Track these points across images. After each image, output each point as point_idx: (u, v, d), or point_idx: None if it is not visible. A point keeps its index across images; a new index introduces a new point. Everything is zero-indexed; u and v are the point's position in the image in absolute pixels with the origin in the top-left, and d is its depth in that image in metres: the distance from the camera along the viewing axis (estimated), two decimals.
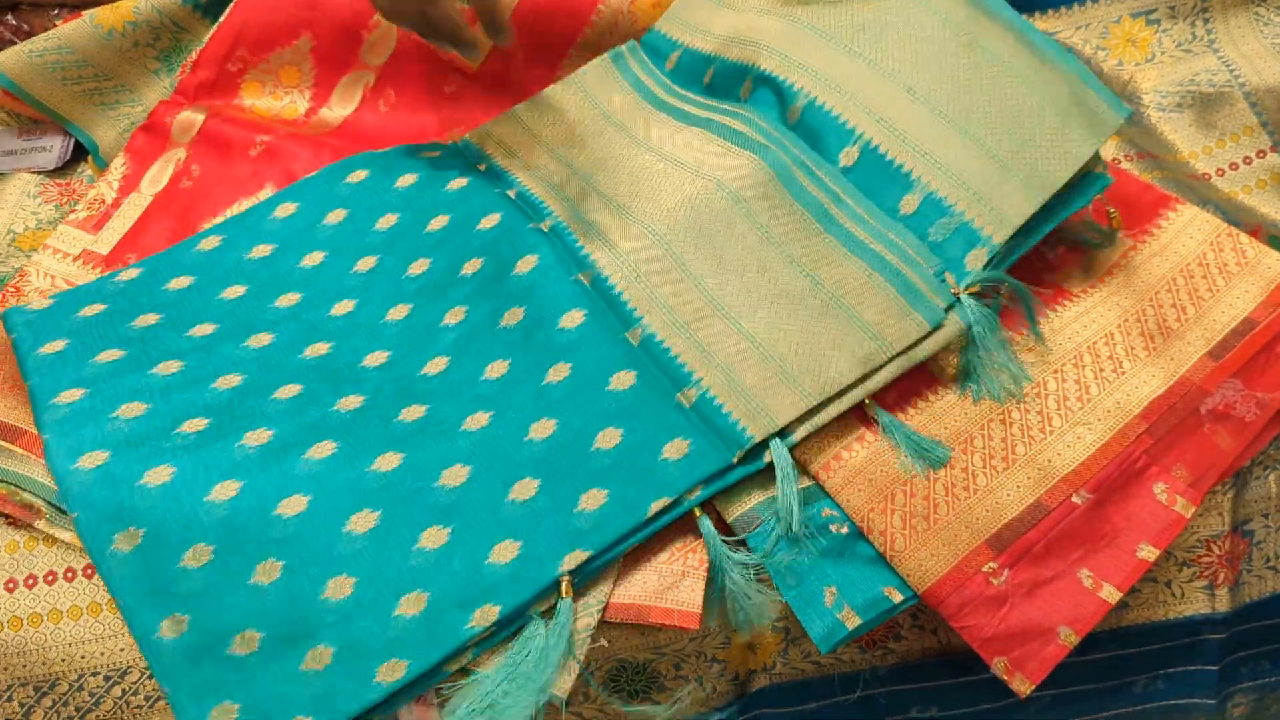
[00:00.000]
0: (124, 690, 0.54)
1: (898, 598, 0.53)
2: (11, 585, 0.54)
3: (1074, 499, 0.56)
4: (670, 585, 0.54)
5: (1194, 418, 0.58)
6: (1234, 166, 0.73)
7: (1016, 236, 0.59)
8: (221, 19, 0.76)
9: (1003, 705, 0.62)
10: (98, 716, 0.54)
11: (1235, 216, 0.69)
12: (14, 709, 0.54)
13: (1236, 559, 0.61)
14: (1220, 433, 0.58)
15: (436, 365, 0.61)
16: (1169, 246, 0.65)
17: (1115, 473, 0.56)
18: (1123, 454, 0.57)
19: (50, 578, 0.54)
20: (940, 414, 0.59)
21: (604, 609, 0.53)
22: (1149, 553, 0.54)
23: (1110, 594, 0.53)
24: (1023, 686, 0.51)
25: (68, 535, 0.54)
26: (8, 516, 0.55)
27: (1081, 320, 0.63)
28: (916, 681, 0.61)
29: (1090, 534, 0.55)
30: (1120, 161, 0.74)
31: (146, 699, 0.54)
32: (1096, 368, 0.60)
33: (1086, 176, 0.60)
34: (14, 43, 0.77)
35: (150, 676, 0.54)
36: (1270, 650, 0.64)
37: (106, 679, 0.54)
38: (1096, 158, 0.60)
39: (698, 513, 0.55)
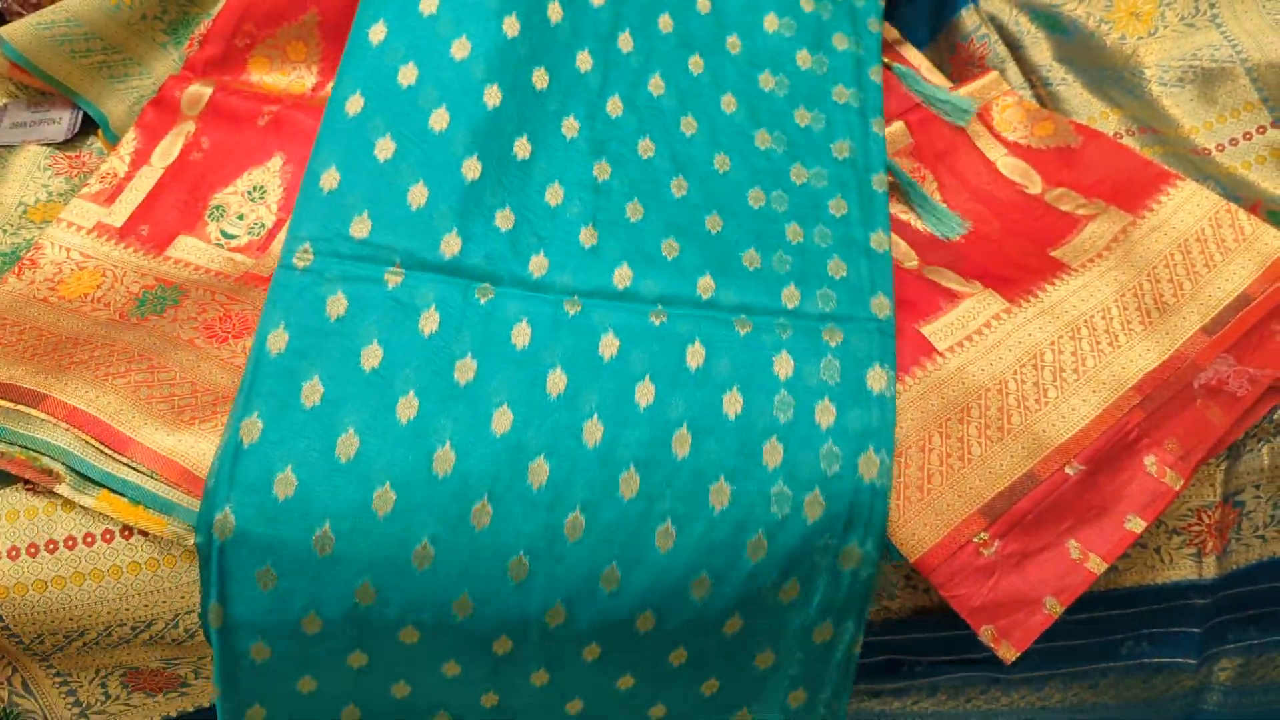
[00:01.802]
0: (152, 635, 0.56)
1: None
2: (34, 550, 0.55)
3: (1067, 470, 0.57)
4: None
5: (1187, 392, 0.59)
6: (1234, 142, 0.74)
7: None
8: None
9: (992, 658, 0.64)
10: (132, 646, 0.56)
11: (1235, 192, 0.69)
12: (47, 646, 0.56)
13: (1226, 528, 0.63)
14: (1212, 407, 0.59)
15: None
16: (1168, 222, 0.66)
17: (1108, 445, 0.58)
18: (1116, 426, 0.58)
19: (70, 543, 0.55)
20: (939, 383, 0.60)
21: None
22: (1136, 524, 0.56)
23: (1096, 564, 0.55)
24: (1008, 653, 0.53)
25: (88, 501, 0.55)
26: (28, 482, 0.57)
27: (1079, 294, 0.64)
28: (908, 634, 0.63)
29: (1081, 505, 0.56)
30: (1121, 136, 0.75)
31: (174, 640, 0.56)
32: (1093, 340, 0.61)
33: None
34: (22, 15, 0.78)
35: (174, 625, 0.56)
36: (1255, 616, 0.66)
37: (134, 628, 0.56)
38: None
39: None
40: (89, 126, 0.79)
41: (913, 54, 0.82)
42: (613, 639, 0.54)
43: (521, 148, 0.64)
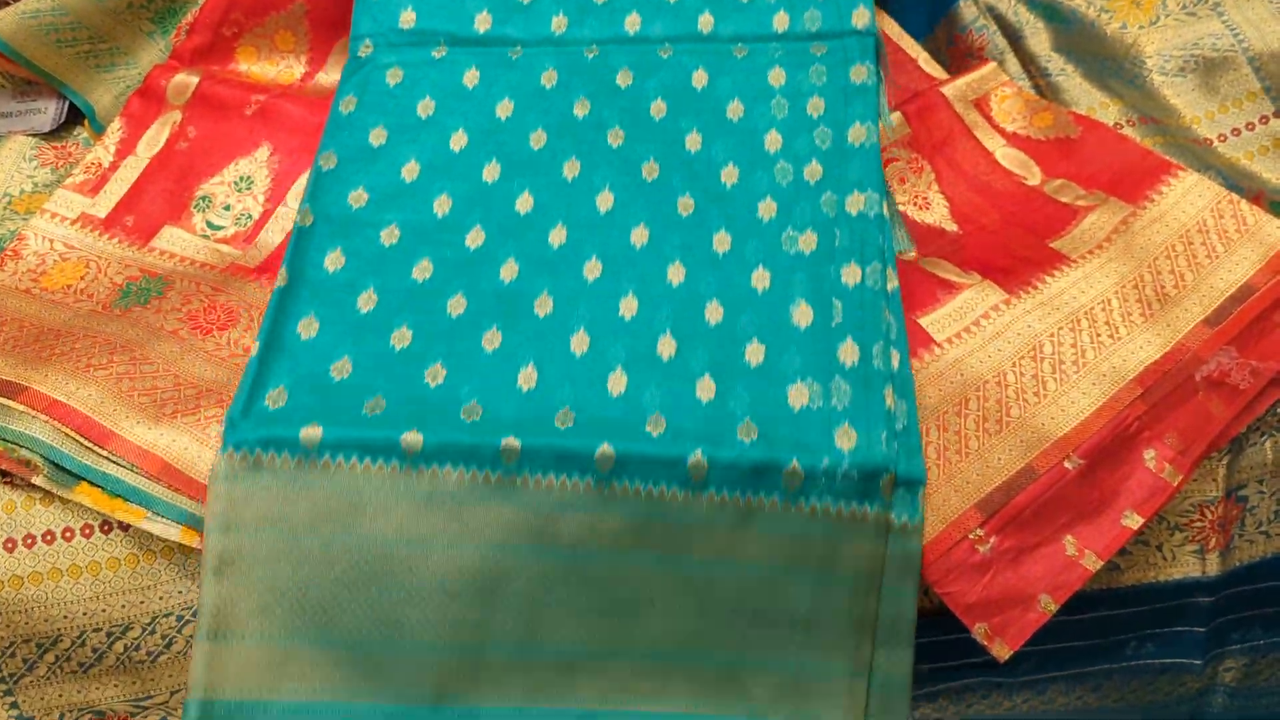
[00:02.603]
0: (126, 646, 0.55)
1: None
2: (10, 545, 0.54)
3: (1065, 464, 0.56)
4: None
5: (1188, 384, 0.58)
6: (1236, 132, 0.73)
7: None
8: None
9: (993, 660, 0.63)
10: (101, 671, 0.55)
11: (1237, 182, 0.69)
12: (17, 664, 0.55)
13: (1229, 524, 0.62)
14: (1214, 400, 0.58)
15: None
16: (1169, 213, 0.65)
17: (1108, 438, 0.57)
18: (1116, 419, 0.57)
19: (49, 537, 0.55)
20: (937, 375, 0.59)
21: None
22: (1133, 520, 0.55)
23: (1092, 561, 0.54)
24: (1002, 651, 0.52)
25: (66, 493, 0.54)
26: (5, 475, 0.56)
27: (1079, 285, 0.63)
28: None
29: (1079, 500, 0.55)
30: (1122, 126, 0.74)
31: (149, 654, 0.55)
32: (1093, 332, 0.60)
33: None
34: (7, 3, 0.77)
35: (151, 630, 0.55)
36: (1260, 615, 0.65)
37: (109, 635, 0.55)
38: None
39: None
40: (75, 116, 0.78)
41: (910, 45, 0.81)
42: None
43: None
